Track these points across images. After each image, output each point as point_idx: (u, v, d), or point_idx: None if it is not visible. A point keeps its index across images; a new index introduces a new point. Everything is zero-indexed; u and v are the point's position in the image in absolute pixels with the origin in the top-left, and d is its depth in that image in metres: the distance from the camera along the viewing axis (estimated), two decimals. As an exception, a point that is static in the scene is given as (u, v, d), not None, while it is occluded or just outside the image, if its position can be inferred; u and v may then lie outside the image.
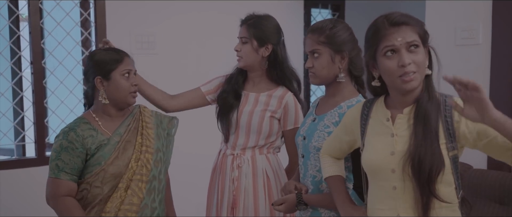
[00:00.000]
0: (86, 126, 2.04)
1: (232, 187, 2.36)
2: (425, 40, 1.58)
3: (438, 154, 1.51)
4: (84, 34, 3.46)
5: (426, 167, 1.50)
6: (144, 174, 2.06)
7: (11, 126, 3.32)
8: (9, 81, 3.30)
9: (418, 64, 1.53)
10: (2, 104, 3.27)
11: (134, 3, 3.48)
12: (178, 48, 3.68)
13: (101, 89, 2.04)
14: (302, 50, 4.38)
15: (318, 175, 1.98)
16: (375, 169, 1.63)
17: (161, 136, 2.19)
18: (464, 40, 3.06)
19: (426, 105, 1.55)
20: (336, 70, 1.95)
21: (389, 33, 1.54)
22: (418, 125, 1.55)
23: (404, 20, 1.55)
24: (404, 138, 1.57)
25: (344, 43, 1.93)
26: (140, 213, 2.04)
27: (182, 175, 3.68)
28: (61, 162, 1.98)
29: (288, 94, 2.37)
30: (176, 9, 3.64)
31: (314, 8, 4.70)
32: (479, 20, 3.00)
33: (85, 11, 3.44)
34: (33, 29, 3.24)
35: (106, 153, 2.01)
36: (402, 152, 1.56)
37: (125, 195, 2.02)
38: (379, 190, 1.63)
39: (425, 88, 1.58)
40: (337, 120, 1.93)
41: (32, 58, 3.27)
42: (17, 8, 3.30)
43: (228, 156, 2.41)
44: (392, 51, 1.54)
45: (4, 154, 3.37)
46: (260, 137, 2.36)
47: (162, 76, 3.60)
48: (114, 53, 2.07)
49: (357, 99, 1.95)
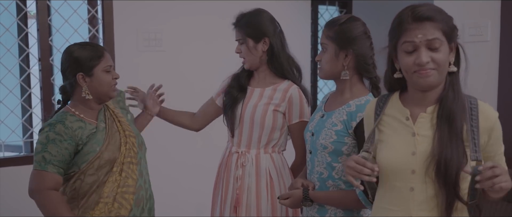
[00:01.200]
0: (73, 118, 2.05)
1: (236, 185, 2.37)
2: (452, 37, 1.52)
3: (463, 156, 1.47)
4: (92, 31, 3.47)
5: (453, 170, 1.45)
6: (133, 156, 2.12)
7: (19, 123, 3.34)
8: (17, 78, 3.32)
9: (437, 63, 1.48)
10: (10, 101, 3.28)
11: (142, 1, 3.48)
12: (185, 45, 3.68)
13: (84, 85, 2.07)
14: (309, 47, 4.38)
15: (325, 172, 1.97)
16: (393, 169, 1.56)
17: (130, 121, 2.26)
18: (472, 37, 3.04)
19: (451, 105, 1.50)
20: (339, 67, 1.94)
21: (411, 28, 1.49)
22: (443, 125, 1.50)
23: (429, 14, 1.48)
24: (427, 138, 1.52)
25: (350, 40, 1.91)
26: (136, 194, 2.09)
27: (182, 175, 3.69)
28: (48, 154, 1.97)
29: (293, 88, 2.35)
30: (183, 7, 3.65)
31: (321, 5, 4.68)
32: (488, 17, 2.98)
33: (92, 8, 3.45)
34: (41, 26, 3.25)
35: (99, 139, 2.04)
36: (424, 152, 1.51)
37: (120, 178, 2.06)
38: (391, 191, 1.58)
39: (450, 86, 1.52)
40: (345, 118, 1.92)
41: (40, 55, 3.28)
42: (25, 5, 3.32)
43: (233, 153, 2.41)
44: (412, 47, 1.49)
45: (12, 150, 3.39)
46: (263, 132, 2.35)
47: (169, 74, 3.62)
48: (94, 49, 2.10)
49: (367, 98, 1.93)
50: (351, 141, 1.91)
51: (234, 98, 2.43)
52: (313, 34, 4.46)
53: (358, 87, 1.98)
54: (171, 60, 3.63)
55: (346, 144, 1.91)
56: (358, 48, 1.92)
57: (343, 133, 1.91)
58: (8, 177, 3.17)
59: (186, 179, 3.69)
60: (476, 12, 3.03)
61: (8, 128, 3.27)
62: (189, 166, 3.70)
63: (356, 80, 1.98)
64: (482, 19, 3.00)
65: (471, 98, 1.54)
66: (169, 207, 3.48)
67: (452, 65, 1.53)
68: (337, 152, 1.93)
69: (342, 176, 1.94)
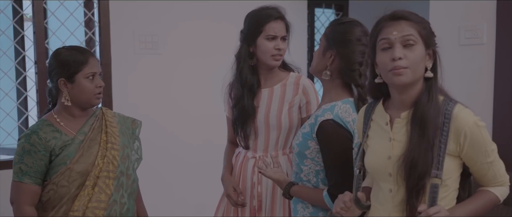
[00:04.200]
0: (49, 128, 2.02)
1: (254, 192, 2.30)
2: (429, 42, 1.55)
3: (431, 161, 1.49)
4: (88, 34, 3.47)
5: (416, 173, 1.49)
6: (111, 171, 2.05)
7: (15, 126, 3.33)
8: (13, 81, 3.31)
9: (410, 61, 1.51)
10: (6, 104, 3.28)
11: (138, 3, 3.48)
12: (182, 48, 3.68)
13: (64, 91, 2.03)
14: (305, 50, 4.39)
15: (298, 172, 1.96)
16: (374, 172, 1.64)
17: (126, 134, 2.19)
18: (468, 40, 3.05)
19: (424, 109, 1.52)
20: (323, 65, 1.91)
21: (387, 26, 1.55)
22: (414, 129, 1.53)
23: (406, 15, 1.55)
24: (401, 143, 1.56)
25: (339, 41, 1.87)
26: (108, 210, 2.03)
27: (182, 175, 3.69)
28: (24, 166, 1.97)
29: (303, 78, 2.30)
30: (180, 10, 3.65)
31: (317, 8, 4.69)
32: (484, 20, 2.99)
33: (89, 11, 3.45)
34: (37, 29, 3.25)
35: (71, 152, 2.00)
36: (397, 156, 1.55)
37: (93, 192, 2.01)
38: (379, 190, 1.64)
39: (425, 91, 1.55)
40: (312, 122, 1.88)
41: (36, 58, 3.27)
42: (21, 8, 3.31)
43: (249, 158, 2.35)
44: (388, 45, 1.53)
45: (8, 153, 3.38)
46: (280, 134, 2.28)
47: (166, 77, 3.62)
48: (79, 54, 2.04)
49: (336, 103, 1.85)
50: (315, 146, 1.87)
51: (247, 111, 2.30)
52: (309, 37, 4.46)
53: (337, 92, 1.91)
54: (168, 63, 3.63)
55: (309, 148, 1.88)
56: (344, 51, 1.86)
57: (308, 136, 1.88)
58: (3, 179, 3.16)
59: (186, 179, 3.69)
60: (472, 14, 3.04)
61: (4, 131, 3.26)
62: (189, 166, 3.69)
63: (337, 84, 1.91)
64: (478, 21, 3.01)
65: (450, 103, 1.54)
66: (169, 207, 3.49)
67: (428, 71, 1.55)
68: (302, 155, 1.91)
69: (310, 179, 1.93)
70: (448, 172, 1.52)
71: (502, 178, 1.60)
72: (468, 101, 2.82)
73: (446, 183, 1.53)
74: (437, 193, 1.49)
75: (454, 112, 1.51)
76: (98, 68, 2.08)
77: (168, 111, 3.61)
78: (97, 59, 2.11)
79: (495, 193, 1.59)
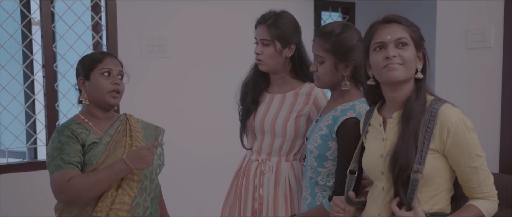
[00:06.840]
0: (78, 126, 2.04)
1: (255, 195, 2.30)
2: (419, 45, 1.62)
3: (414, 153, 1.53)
4: (96, 37, 3.49)
5: (402, 166, 1.53)
6: (135, 173, 2.05)
7: (23, 129, 3.35)
8: (21, 85, 3.33)
9: (404, 59, 1.58)
10: (14, 107, 3.30)
11: (145, 7, 3.50)
12: (189, 51, 3.69)
13: (83, 89, 2.07)
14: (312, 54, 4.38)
15: (313, 176, 1.98)
16: (370, 171, 1.71)
17: (149, 139, 2.20)
18: (475, 43, 3.04)
19: (411, 106, 1.59)
20: (339, 78, 1.94)
21: (380, 29, 1.62)
22: (402, 126, 1.59)
23: (396, 18, 1.63)
24: (392, 141, 1.61)
25: (349, 51, 1.90)
26: (131, 212, 2.04)
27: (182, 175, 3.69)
28: (66, 156, 1.95)
29: (316, 89, 2.26)
30: (187, 13, 3.66)
31: (324, 12, 4.69)
32: (491, 23, 2.98)
33: (96, 15, 3.46)
34: (45, 32, 3.27)
35: (98, 152, 2.01)
36: (388, 154, 1.60)
37: (116, 194, 2.02)
38: (375, 188, 1.70)
39: (415, 91, 1.61)
40: (330, 123, 1.91)
41: (44, 62, 3.29)
42: (29, 12, 3.34)
43: (253, 161, 2.34)
44: (381, 46, 1.60)
45: (16, 156, 3.39)
46: (285, 140, 2.27)
47: (173, 80, 3.63)
48: (97, 54, 2.10)
49: (353, 103, 1.92)
50: (336, 146, 1.90)
51: (249, 107, 2.34)
52: (316, 40, 4.45)
53: (350, 93, 1.96)
54: (175, 67, 3.64)
55: (330, 149, 1.91)
56: (357, 58, 1.90)
57: (327, 137, 1.91)
58: (12, 183, 3.17)
59: (186, 179, 3.69)
60: (479, 17, 3.03)
61: (12, 134, 3.28)
62: (189, 166, 3.70)
63: (350, 86, 1.96)
64: (485, 24, 3.00)
65: (438, 102, 1.59)
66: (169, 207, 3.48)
67: (419, 72, 1.62)
68: (322, 157, 1.94)
69: (327, 182, 1.95)
70: (435, 170, 1.55)
71: (488, 189, 1.59)
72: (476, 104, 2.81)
73: (435, 181, 1.56)
74: (416, 186, 1.53)
75: (440, 109, 1.56)
76: (115, 67, 2.08)
77: (175, 115, 3.62)
78: (117, 59, 2.12)
79: (480, 208, 1.58)
